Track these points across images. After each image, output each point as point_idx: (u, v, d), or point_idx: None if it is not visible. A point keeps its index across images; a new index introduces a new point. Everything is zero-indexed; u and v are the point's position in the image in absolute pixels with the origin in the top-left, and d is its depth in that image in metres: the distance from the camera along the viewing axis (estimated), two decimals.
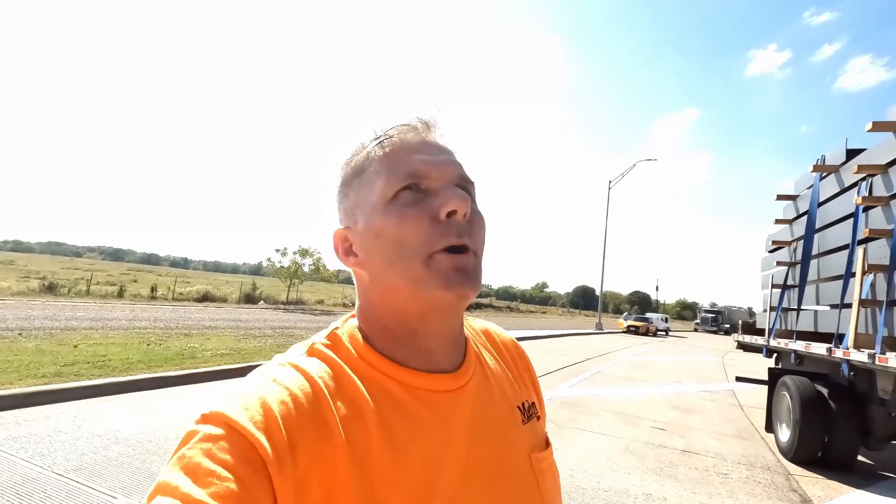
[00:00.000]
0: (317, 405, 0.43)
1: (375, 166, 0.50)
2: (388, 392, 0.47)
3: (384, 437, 0.44)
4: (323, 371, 0.47)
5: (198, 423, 0.41)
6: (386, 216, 0.48)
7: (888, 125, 3.81)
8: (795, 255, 5.67)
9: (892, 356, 3.27)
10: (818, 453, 4.73)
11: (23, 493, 2.82)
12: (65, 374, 5.44)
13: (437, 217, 0.48)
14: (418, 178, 0.49)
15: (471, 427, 0.51)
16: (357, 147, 0.54)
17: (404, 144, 0.51)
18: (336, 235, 0.54)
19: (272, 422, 0.40)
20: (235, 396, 0.43)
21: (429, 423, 0.48)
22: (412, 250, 0.47)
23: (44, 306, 13.88)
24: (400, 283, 0.48)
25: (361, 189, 0.51)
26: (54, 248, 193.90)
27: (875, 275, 3.74)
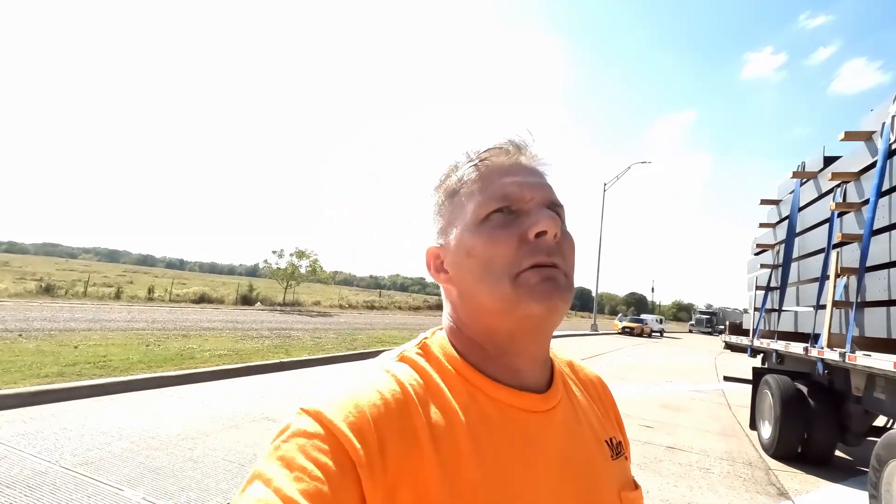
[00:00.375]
0: (408, 412, 0.44)
1: (468, 188, 0.52)
2: (479, 406, 0.48)
3: (474, 451, 0.44)
4: (413, 379, 0.48)
5: (297, 417, 0.43)
6: (477, 236, 0.49)
7: (860, 135, 3.99)
8: (778, 258, 5.86)
9: (860, 355, 3.44)
10: (798, 449, 4.91)
11: (33, 486, 2.95)
12: (67, 374, 5.56)
13: (525, 237, 0.48)
14: (510, 201, 0.50)
15: (561, 454, 0.50)
16: (450, 168, 0.55)
17: (496, 167, 0.52)
18: (429, 252, 0.55)
19: (366, 426, 0.41)
20: (333, 397, 0.44)
21: (518, 443, 0.47)
22: (500, 269, 0.47)
23: (41, 308, 13.94)
24: (489, 302, 0.48)
25: (455, 210, 0.52)
26: (49, 249, 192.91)
27: (847, 277, 3.91)
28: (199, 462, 3.56)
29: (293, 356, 8.52)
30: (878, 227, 3.54)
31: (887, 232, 3.45)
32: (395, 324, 21.21)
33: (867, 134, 3.92)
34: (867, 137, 3.92)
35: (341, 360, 9.26)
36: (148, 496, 2.95)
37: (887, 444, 3.05)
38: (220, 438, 4.14)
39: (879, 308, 3.48)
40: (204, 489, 3.11)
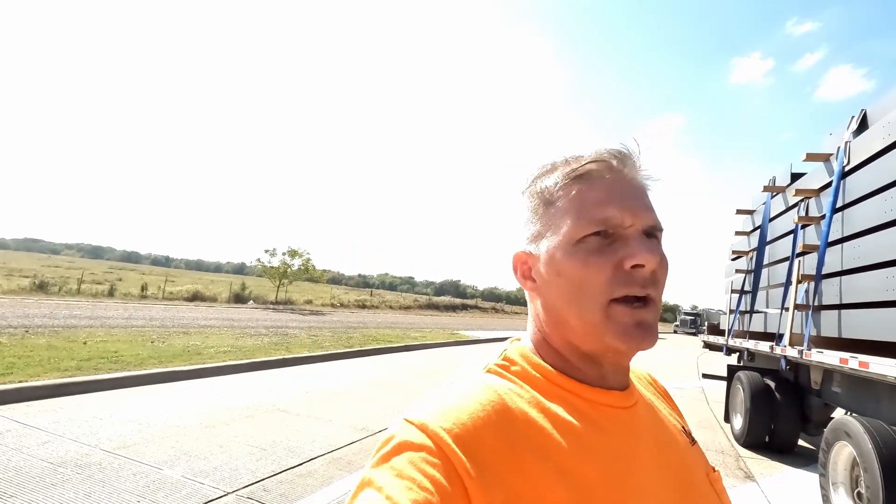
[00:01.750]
0: (511, 421, 0.45)
1: (565, 203, 0.50)
2: (572, 406, 0.49)
3: (583, 450, 0.45)
4: (508, 388, 0.48)
5: (401, 428, 0.43)
6: (570, 258, 0.48)
7: (819, 156, 4.47)
8: (751, 264, 6.35)
9: (814, 352, 3.91)
10: (766, 438, 5.40)
11: (81, 465, 3.29)
12: (84, 368, 5.85)
13: (621, 266, 0.47)
14: (608, 226, 0.48)
15: (655, 444, 0.52)
16: (545, 170, 0.54)
17: (598, 182, 0.50)
18: (516, 258, 0.55)
19: (471, 438, 0.42)
20: (436, 408, 0.45)
21: (616, 435, 0.49)
22: (592, 296, 0.47)
23: (38, 305, 14.05)
24: (576, 324, 0.49)
25: (549, 221, 0.51)
26: (30, 244, 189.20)
27: (808, 283, 4.38)
28: (225, 447, 3.91)
29: (294, 353, 8.85)
30: (833, 239, 4.01)
31: (840, 244, 3.92)
32: (388, 322, 21.55)
33: (826, 156, 4.40)
34: (826, 159, 4.40)
35: (340, 358, 9.61)
36: (186, 475, 3.30)
37: (833, 429, 3.51)
38: (239, 426, 4.49)
39: (832, 311, 3.95)
40: (234, 469, 3.47)
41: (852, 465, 3.34)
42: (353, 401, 5.99)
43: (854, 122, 4.11)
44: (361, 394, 6.45)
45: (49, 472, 3.14)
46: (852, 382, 3.98)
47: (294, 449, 4.01)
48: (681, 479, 0.52)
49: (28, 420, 4.11)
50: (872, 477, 2.95)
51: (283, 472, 3.51)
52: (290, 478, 3.42)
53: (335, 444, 4.21)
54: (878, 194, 3.46)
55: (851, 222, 3.81)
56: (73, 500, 2.82)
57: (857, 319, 3.60)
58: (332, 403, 5.74)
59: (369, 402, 5.97)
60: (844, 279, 3.83)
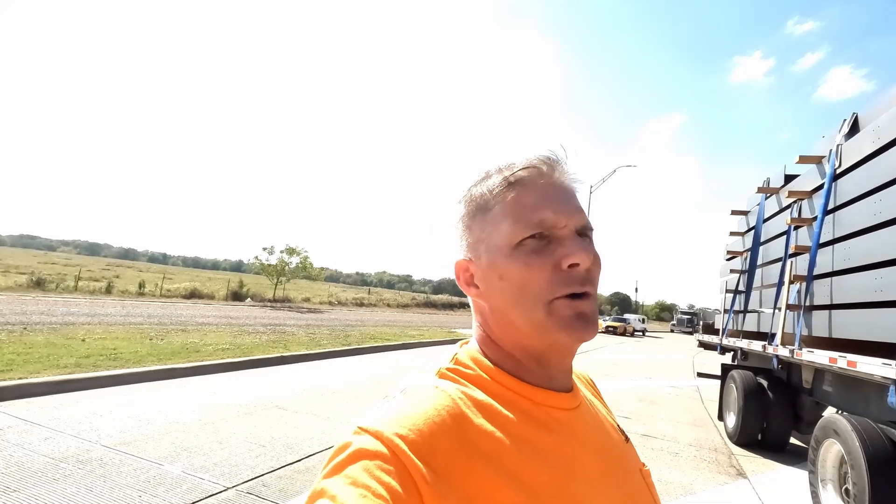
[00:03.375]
0: (464, 426, 0.45)
1: (501, 208, 0.52)
2: (521, 409, 0.50)
3: (534, 453, 0.47)
4: (460, 392, 0.49)
5: (355, 435, 0.43)
6: (511, 261, 0.50)
7: (812, 159, 4.53)
8: (745, 264, 6.42)
9: (805, 351, 3.98)
10: (758, 436, 5.47)
11: (83, 461, 3.33)
12: (84, 365, 5.89)
13: (559, 266, 0.49)
14: (544, 227, 0.50)
15: (595, 443, 0.54)
16: (480, 178, 0.55)
17: (532, 187, 0.52)
18: (458, 266, 0.56)
19: (425, 444, 0.42)
20: (390, 415, 0.45)
21: (562, 438, 0.50)
22: (534, 296, 0.49)
23: (35, 302, 14.05)
24: (521, 323, 0.51)
25: (486, 227, 0.53)
26: (27, 241, 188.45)
27: (800, 284, 4.45)
28: (225, 443, 3.96)
29: (292, 351, 8.89)
30: (824, 241, 4.08)
31: (831, 245, 3.98)
32: (385, 321, 21.61)
33: (818, 158, 4.46)
34: (818, 161, 4.47)
35: (338, 356, 9.66)
36: (186, 470, 3.35)
37: (822, 427, 3.58)
38: (238, 423, 4.54)
39: (823, 311, 4.02)
40: (234, 465, 3.52)
41: (840, 463, 3.41)
42: (350, 398, 6.04)
43: (846, 125, 4.17)
44: (359, 391, 6.51)
45: (51, 468, 3.18)
46: (842, 381, 4.04)
47: (292, 445, 4.06)
48: (619, 476, 0.55)
49: (29, 416, 4.15)
50: (859, 474, 3.01)
51: (281, 467, 3.56)
52: (289, 473, 3.47)
53: (333, 441, 4.21)
54: (868, 197, 3.52)
55: (842, 224, 3.87)
56: (74, 494, 2.87)
57: (848, 320, 3.67)
58: (329, 401, 5.79)
59: (367, 400, 6.02)
60: (835, 280, 3.89)
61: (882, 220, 3.31)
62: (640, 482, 0.57)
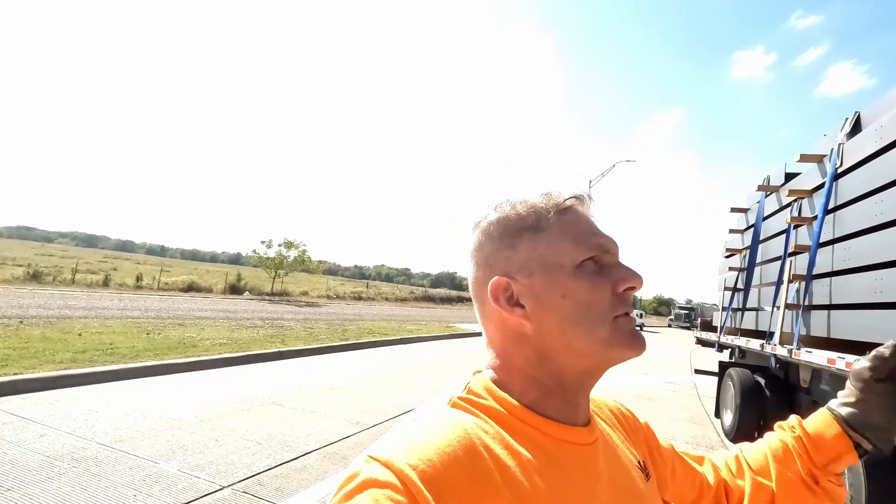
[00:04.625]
0: (478, 458, 0.45)
1: (559, 229, 0.54)
2: (535, 443, 0.49)
3: (546, 489, 0.46)
4: (474, 424, 0.48)
5: (366, 464, 0.43)
6: (576, 280, 0.51)
7: (813, 157, 4.50)
8: (744, 262, 6.40)
9: (803, 351, 3.97)
10: (755, 434, 5.48)
11: (78, 459, 3.32)
12: (80, 360, 5.87)
13: (616, 289, 0.52)
14: (601, 251, 0.53)
15: (611, 481, 0.53)
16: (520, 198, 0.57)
17: (579, 215, 0.56)
18: (496, 284, 0.54)
19: (437, 476, 0.41)
20: (402, 444, 0.44)
21: (577, 475, 0.50)
22: (601, 314, 0.51)
23: (32, 295, 14.02)
24: (581, 343, 0.51)
25: (539, 246, 0.53)
26: (24, 232, 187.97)
27: (798, 283, 4.43)
28: (221, 440, 3.95)
29: (290, 346, 8.88)
30: (824, 240, 4.06)
31: (831, 245, 3.96)
32: (383, 315, 21.61)
33: (819, 157, 4.43)
34: (819, 160, 4.44)
35: (335, 350, 9.66)
36: (182, 469, 3.33)
37: None
38: (235, 420, 4.52)
39: (822, 311, 4.00)
40: (230, 463, 3.51)
41: None
42: (348, 394, 6.03)
43: (848, 123, 4.14)
44: (357, 387, 6.50)
45: (45, 466, 3.16)
46: (840, 381, 4.03)
47: (289, 443, 4.05)
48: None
49: (24, 413, 4.13)
50: (856, 475, 3.01)
51: (278, 466, 3.55)
52: (286, 472, 3.46)
53: (330, 439, 4.25)
54: (869, 197, 3.50)
55: (842, 224, 3.85)
56: (69, 493, 2.85)
57: (846, 320, 3.65)
58: (327, 397, 5.78)
59: (364, 396, 6.02)
60: (834, 280, 3.88)
61: (883, 220, 3.29)
62: None
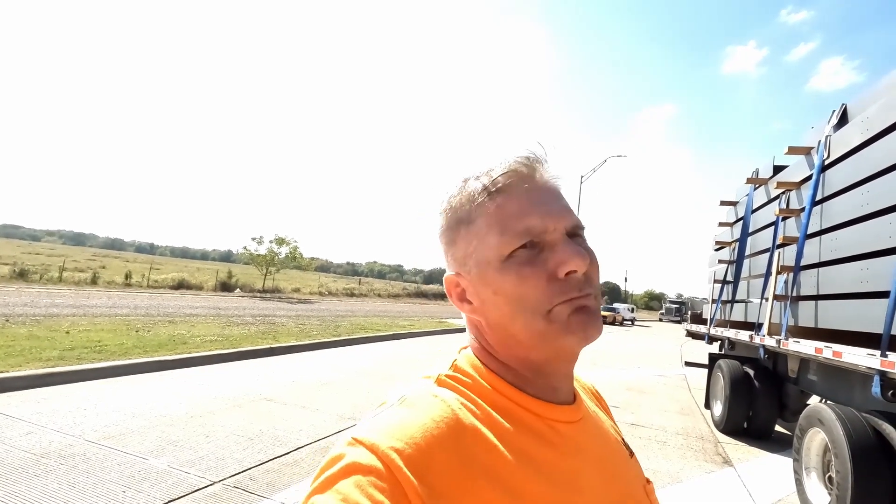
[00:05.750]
0: (463, 438, 0.44)
1: (485, 220, 0.49)
2: (522, 421, 0.48)
3: (534, 468, 0.45)
4: (460, 402, 0.47)
5: (349, 447, 0.42)
6: (503, 275, 0.48)
7: (801, 150, 4.54)
8: (733, 255, 6.46)
9: (791, 341, 4.02)
10: (744, 424, 5.55)
11: (66, 456, 3.28)
12: (67, 357, 5.79)
13: (554, 275, 0.47)
14: (533, 235, 0.48)
15: (597, 457, 0.52)
16: (459, 187, 0.52)
17: (514, 193, 0.49)
18: (448, 281, 0.53)
19: (422, 457, 0.41)
20: (386, 426, 0.43)
21: (564, 452, 0.48)
22: (531, 308, 0.47)
23: (19, 293, 13.81)
24: (522, 336, 0.48)
25: (472, 240, 0.50)
26: (10, 231, 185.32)
27: (787, 274, 4.48)
28: (212, 436, 3.92)
29: (281, 342, 8.83)
30: (811, 231, 4.10)
31: (818, 236, 4.00)
32: (376, 311, 21.58)
33: (807, 149, 4.47)
34: (807, 152, 4.47)
35: (327, 346, 9.62)
36: (172, 465, 3.31)
37: (807, 416, 3.62)
38: (226, 416, 4.49)
39: (809, 301, 4.05)
40: (220, 459, 3.49)
41: (824, 451, 3.46)
42: (340, 390, 6.01)
43: (835, 116, 4.17)
44: (348, 383, 6.48)
45: (32, 463, 3.12)
46: (827, 371, 4.10)
47: (281, 438, 4.03)
48: (623, 492, 0.53)
49: (10, 411, 4.07)
50: (843, 462, 3.05)
51: (269, 461, 3.53)
52: (277, 467, 3.45)
53: (321, 434, 4.24)
54: (855, 188, 3.54)
55: (829, 215, 3.89)
56: (57, 490, 2.81)
57: (833, 310, 3.70)
58: (318, 392, 5.76)
59: (356, 392, 6.00)
60: (822, 271, 3.92)
61: (869, 211, 3.33)
62: (643, 498, 0.56)
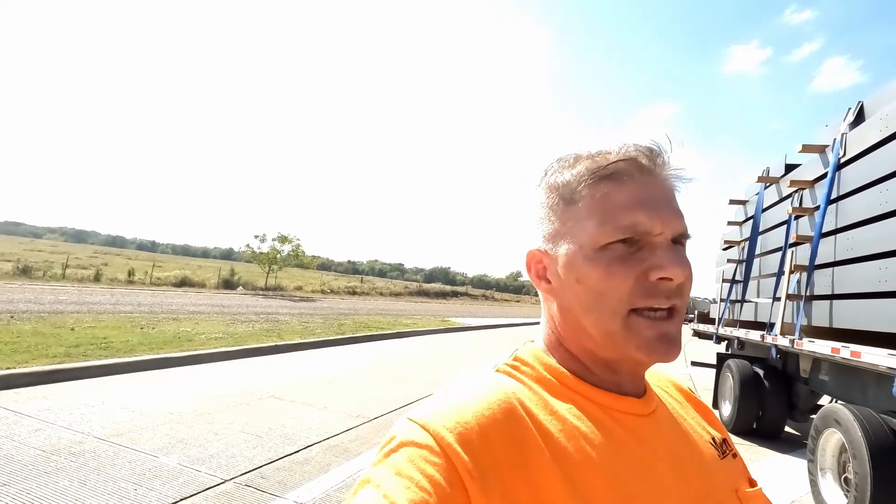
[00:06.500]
0: (517, 422, 0.43)
1: (589, 203, 0.47)
2: (585, 410, 0.47)
3: (591, 457, 0.43)
4: (517, 388, 0.47)
5: (406, 426, 0.42)
6: (591, 265, 0.46)
7: (815, 147, 4.49)
8: (742, 254, 6.42)
9: (806, 341, 3.98)
10: (753, 425, 5.52)
11: (76, 453, 3.25)
12: (73, 354, 5.77)
13: (646, 276, 0.45)
14: (636, 233, 0.46)
15: (672, 454, 0.49)
16: (568, 163, 0.50)
17: (625, 184, 0.47)
18: (530, 256, 0.52)
19: (475, 437, 0.40)
20: (441, 407, 0.43)
21: (629, 444, 0.46)
22: (611, 307, 0.45)
23: (22, 290, 13.79)
24: (593, 332, 0.47)
25: (569, 222, 0.48)
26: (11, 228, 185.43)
27: (800, 273, 4.44)
28: (220, 434, 3.89)
29: (286, 339, 8.81)
30: (826, 230, 4.06)
31: (833, 235, 3.96)
32: (378, 309, 21.55)
33: (821, 147, 4.42)
34: (821, 150, 4.43)
35: (332, 345, 9.60)
36: (182, 462, 3.28)
37: (823, 417, 3.59)
38: (234, 414, 4.46)
39: (824, 301, 4.01)
40: (230, 457, 3.46)
41: (840, 452, 3.42)
42: (346, 388, 5.98)
43: (851, 113, 4.13)
44: (354, 381, 6.45)
45: (42, 460, 3.09)
46: (840, 371, 4.06)
47: (290, 436, 4.00)
48: (701, 492, 0.48)
49: (17, 407, 4.04)
50: (861, 463, 3.02)
51: (279, 459, 3.51)
52: (288, 465, 3.42)
53: (331, 432, 4.21)
54: (873, 186, 3.49)
55: (845, 214, 3.84)
56: (67, 487, 2.79)
57: (849, 310, 3.66)
58: (325, 390, 5.73)
59: (363, 389, 5.97)
60: (837, 270, 3.88)
61: (886, 210, 3.29)
62: (730, 501, 0.51)
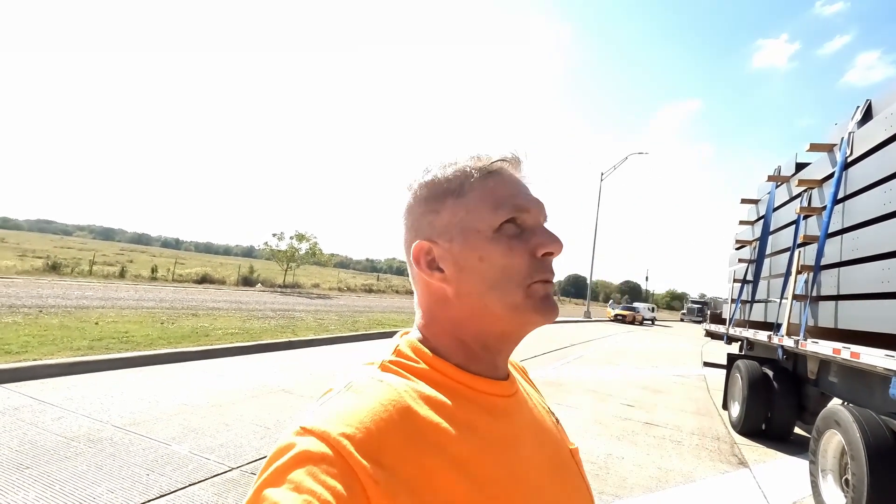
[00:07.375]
0: (410, 418, 0.46)
1: (480, 194, 0.53)
2: (464, 397, 0.51)
3: (480, 443, 0.48)
4: (404, 384, 0.49)
5: (298, 437, 0.42)
6: (493, 244, 0.52)
7: (823, 147, 4.43)
8: (754, 254, 6.34)
9: (809, 342, 3.95)
10: (762, 426, 5.47)
11: (94, 440, 3.44)
12: (96, 347, 6.03)
13: (535, 253, 0.52)
14: (520, 213, 0.53)
15: (530, 425, 0.57)
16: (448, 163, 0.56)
17: (506, 177, 0.55)
18: (419, 248, 0.55)
19: (372, 441, 0.42)
20: (335, 413, 0.44)
21: (504, 422, 0.53)
22: (516, 280, 0.51)
23: (51, 285, 14.35)
24: (497, 306, 0.52)
25: (459, 211, 0.53)
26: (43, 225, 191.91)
27: (807, 274, 4.39)
28: (231, 425, 4.05)
29: (300, 336, 9.01)
30: (832, 230, 4.01)
31: (839, 235, 3.91)
32: (393, 307, 21.73)
33: (829, 146, 4.37)
34: (829, 149, 4.37)
35: (345, 341, 9.77)
36: (193, 451, 3.44)
37: (824, 418, 3.57)
38: (245, 406, 4.63)
39: (829, 301, 3.97)
40: (239, 446, 3.61)
41: (841, 453, 3.40)
42: None
43: (859, 112, 4.07)
44: None
45: (63, 446, 3.29)
46: (847, 372, 4.01)
47: None
48: (554, 457, 0.57)
49: (43, 396, 4.27)
50: (859, 465, 3.01)
51: None
52: None
53: None
54: (879, 186, 3.45)
55: (851, 214, 3.80)
56: (85, 471, 2.96)
57: (854, 310, 3.62)
58: None
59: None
60: (843, 270, 3.83)
61: (892, 209, 3.24)
62: (570, 460, 0.61)
